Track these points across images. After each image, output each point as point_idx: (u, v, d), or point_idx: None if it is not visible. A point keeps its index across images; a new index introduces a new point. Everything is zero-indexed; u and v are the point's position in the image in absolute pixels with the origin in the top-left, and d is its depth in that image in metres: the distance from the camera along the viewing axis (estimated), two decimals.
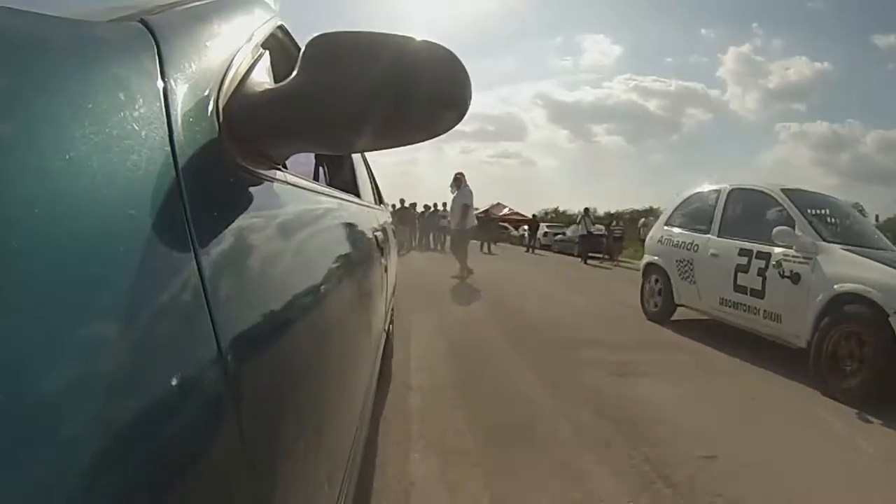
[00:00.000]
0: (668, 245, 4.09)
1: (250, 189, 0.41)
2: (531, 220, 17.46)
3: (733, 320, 3.41)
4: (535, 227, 16.20)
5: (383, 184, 3.06)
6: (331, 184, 1.31)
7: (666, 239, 4.15)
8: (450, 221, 7.22)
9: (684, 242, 3.90)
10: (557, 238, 15.94)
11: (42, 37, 0.26)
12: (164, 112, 0.31)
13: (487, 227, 14.28)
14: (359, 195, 1.52)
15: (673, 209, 4.27)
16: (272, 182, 0.48)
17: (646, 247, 4.65)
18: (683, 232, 3.99)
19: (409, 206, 13.20)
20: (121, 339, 0.22)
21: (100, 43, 0.30)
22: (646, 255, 4.51)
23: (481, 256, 10.91)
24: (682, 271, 3.88)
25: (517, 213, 27.15)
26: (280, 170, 0.52)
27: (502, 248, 15.91)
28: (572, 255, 12.66)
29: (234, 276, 0.35)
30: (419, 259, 9.62)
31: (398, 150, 0.53)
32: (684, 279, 3.87)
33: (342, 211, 0.96)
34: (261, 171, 0.44)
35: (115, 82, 0.28)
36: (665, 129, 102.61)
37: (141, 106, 0.29)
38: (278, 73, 0.53)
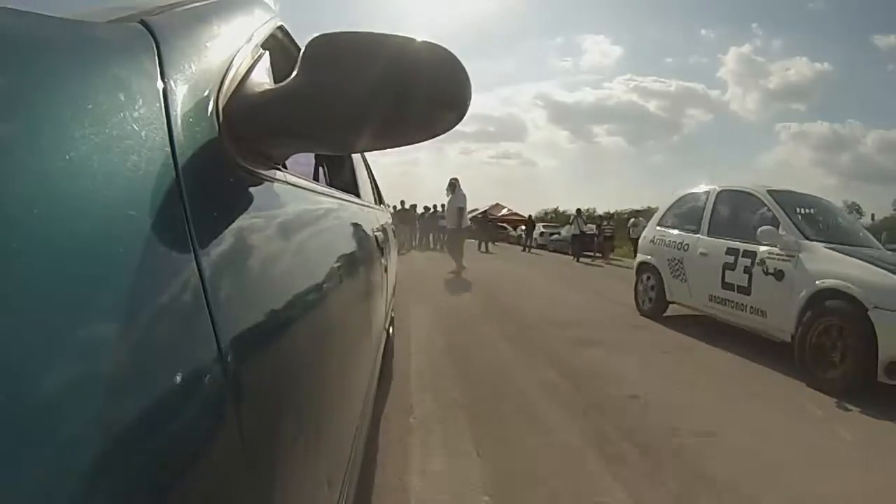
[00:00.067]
0: (661, 244, 4.18)
1: (250, 189, 0.41)
2: (527, 220, 17.76)
3: (722, 316, 3.49)
4: (531, 227, 16.52)
5: (383, 184, 3.13)
6: (331, 184, 1.31)
7: (658, 239, 4.25)
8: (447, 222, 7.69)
9: (675, 242, 3.99)
10: (553, 238, 16.32)
11: (42, 37, 0.26)
12: (164, 112, 0.31)
13: (485, 227, 14.47)
14: (359, 195, 1.52)
15: (665, 210, 4.36)
16: (272, 182, 0.48)
17: (639, 246, 4.77)
18: (674, 232, 4.07)
19: (410, 207, 13.39)
20: (121, 339, 0.22)
21: (100, 44, 0.30)
22: (639, 255, 4.62)
23: (478, 255, 11.21)
24: (674, 270, 3.97)
25: (515, 214, 27.27)
26: (280, 170, 0.52)
27: (500, 247, 16.07)
28: (567, 254, 12.88)
29: (234, 276, 0.35)
30: (419, 258, 10.02)
31: (398, 150, 0.53)
32: (676, 277, 3.95)
33: (342, 211, 0.96)
34: (261, 171, 0.44)
35: (116, 83, 0.28)
36: (665, 130, 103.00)
37: (141, 106, 0.29)
38: (278, 73, 0.53)
